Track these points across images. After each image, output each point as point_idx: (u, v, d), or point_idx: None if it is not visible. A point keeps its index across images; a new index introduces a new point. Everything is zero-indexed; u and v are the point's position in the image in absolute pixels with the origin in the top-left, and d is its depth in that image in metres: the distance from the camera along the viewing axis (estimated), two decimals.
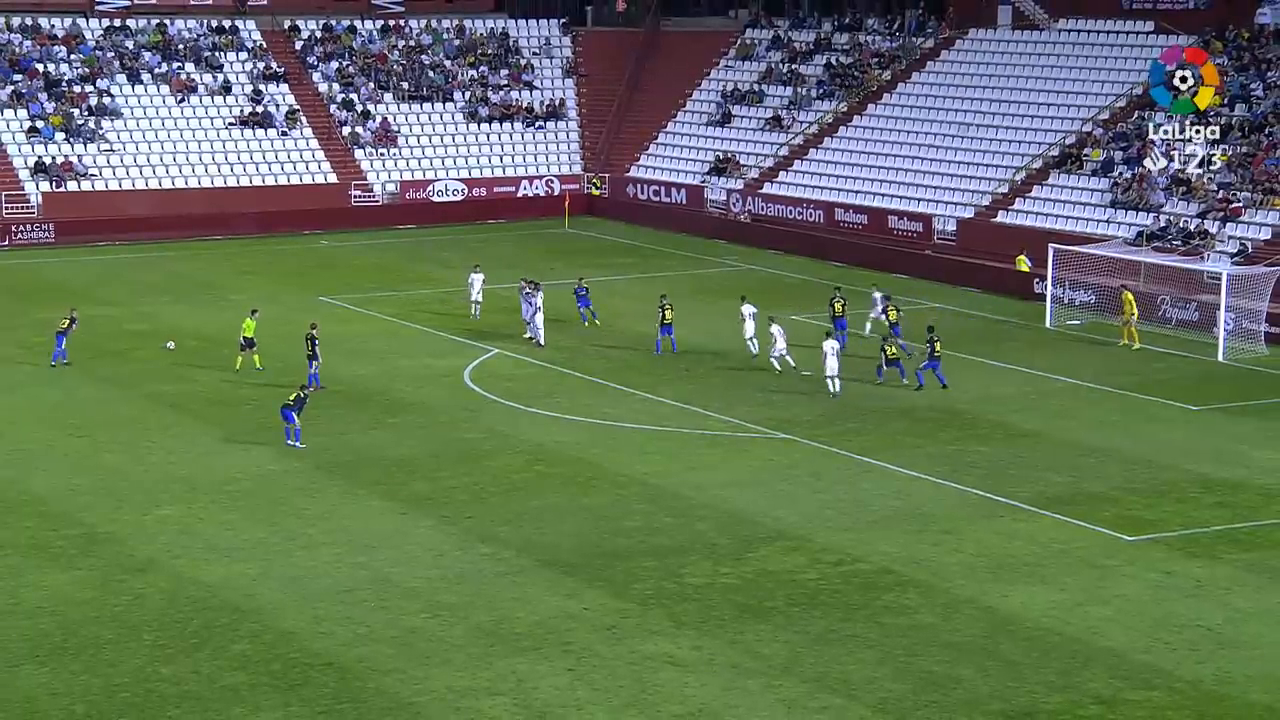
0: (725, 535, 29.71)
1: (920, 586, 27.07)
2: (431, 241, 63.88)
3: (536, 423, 37.62)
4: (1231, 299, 44.73)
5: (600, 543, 29.36)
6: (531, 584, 27.27)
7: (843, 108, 69.49)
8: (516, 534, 29.81)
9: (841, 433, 36.51)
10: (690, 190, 69.44)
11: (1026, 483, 32.81)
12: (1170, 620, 25.67)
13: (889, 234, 61.03)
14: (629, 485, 32.78)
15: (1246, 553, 28.70)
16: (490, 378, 41.85)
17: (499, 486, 32.80)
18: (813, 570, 27.88)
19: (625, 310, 49.40)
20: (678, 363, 43.11)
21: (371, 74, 73.93)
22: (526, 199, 71.17)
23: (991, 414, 38.30)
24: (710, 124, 73.20)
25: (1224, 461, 34.34)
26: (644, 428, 37.22)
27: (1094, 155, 59.18)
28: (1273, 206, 53.04)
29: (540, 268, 55.16)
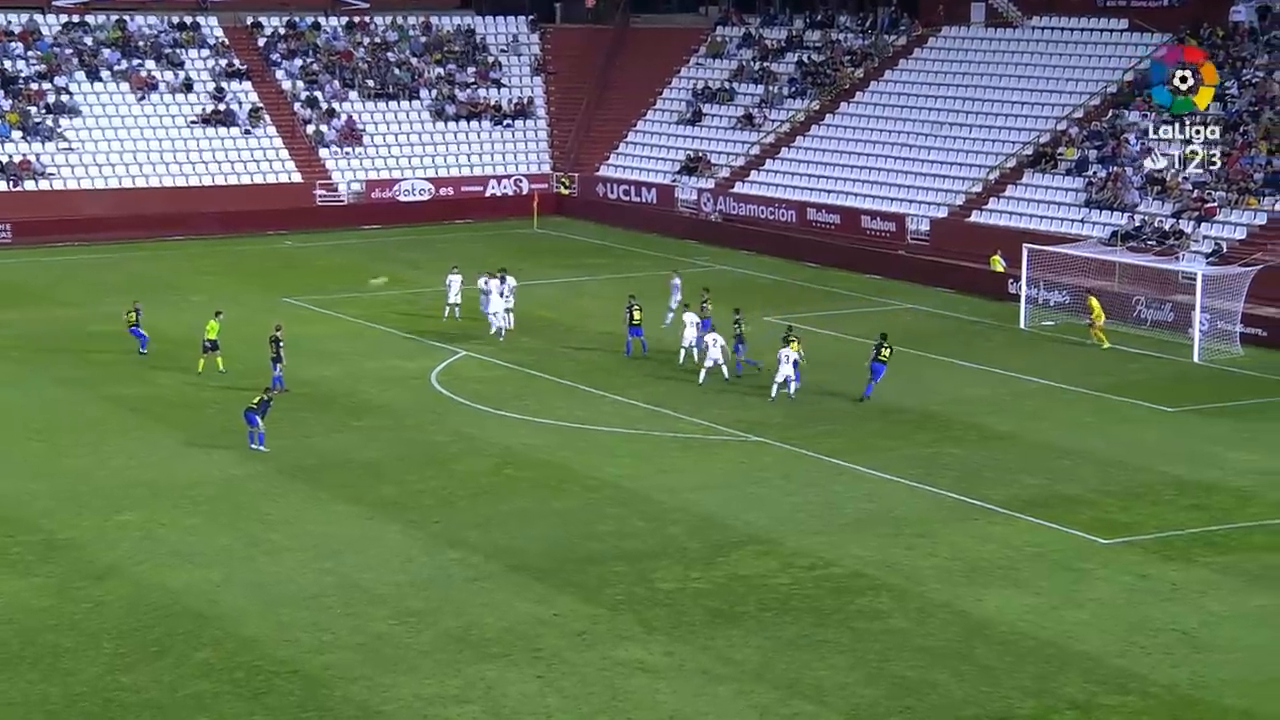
0: (696, 539, 29.73)
1: (894, 591, 27.15)
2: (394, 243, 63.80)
3: (505, 425, 37.58)
4: (1207, 299, 45.00)
5: (570, 547, 29.36)
6: (500, 589, 27.24)
7: (815, 106, 69.64)
8: (485, 538, 29.77)
9: (813, 435, 36.58)
10: (661, 190, 69.48)
11: (1001, 485, 32.94)
12: (1145, 624, 25.82)
13: (862, 234, 61.19)
14: (599, 489, 32.78)
15: (1222, 555, 28.88)
16: (458, 380, 41.78)
17: (467, 490, 32.75)
18: (785, 574, 27.93)
19: (595, 311, 49.40)
20: (647, 364, 43.10)
21: (336, 71, 73.75)
22: (494, 199, 71.08)
23: (965, 416, 38.44)
24: (681, 122, 73.26)
25: (1199, 463, 34.55)
26: (614, 430, 37.22)
27: (1068, 154, 59.46)
28: (1248, 206, 53.39)
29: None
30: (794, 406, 38.95)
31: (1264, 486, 32.91)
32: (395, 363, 43.62)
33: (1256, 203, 53.30)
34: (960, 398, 40.14)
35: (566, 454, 35.23)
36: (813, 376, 41.15)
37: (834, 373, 42.09)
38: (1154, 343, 46.23)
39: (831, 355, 43.94)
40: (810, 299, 52.67)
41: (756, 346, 42.24)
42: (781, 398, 39.39)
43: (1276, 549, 29.18)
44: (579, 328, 47.85)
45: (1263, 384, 41.79)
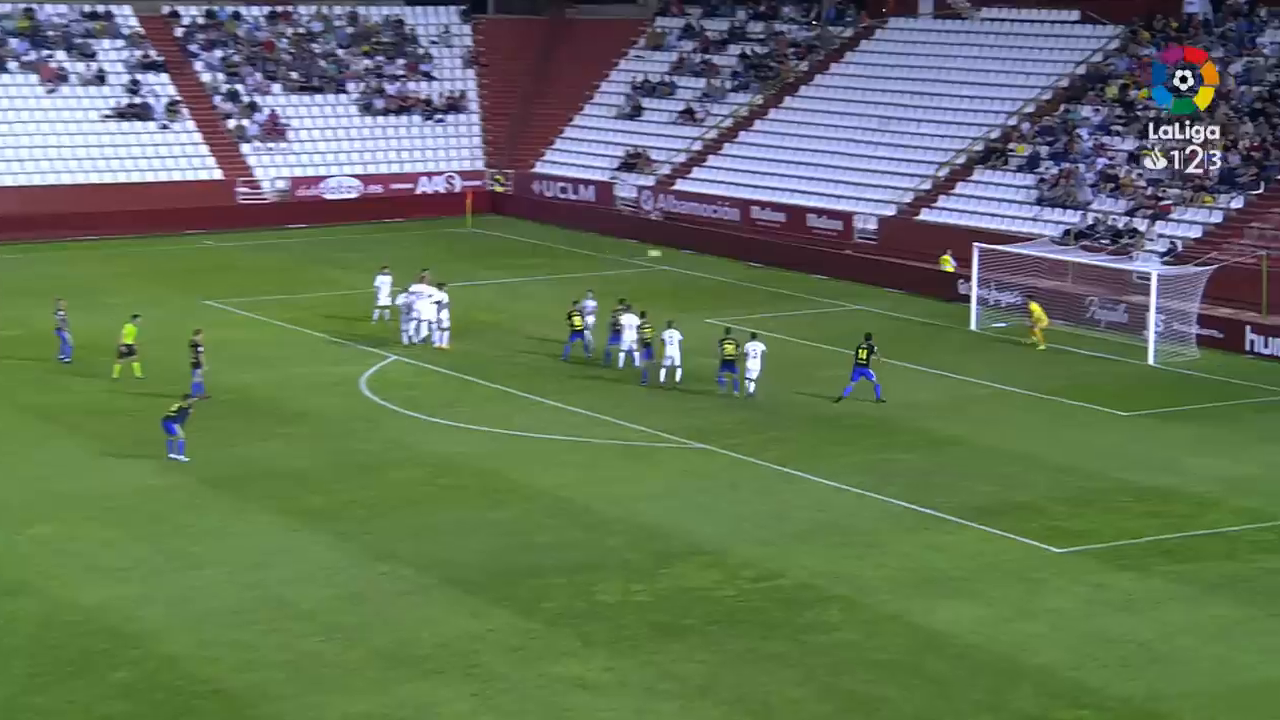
0: (639, 550, 29.78)
1: (843, 603, 27.29)
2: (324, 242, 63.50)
3: (439, 433, 37.49)
4: (1162, 300, 45.52)
5: (507, 559, 29.33)
6: (434, 604, 27.18)
7: (758, 100, 69.91)
8: (418, 551, 29.69)
9: (760, 442, 36.72)
10: (599, 187, 69.52)
11: (952, 493, 33.19)
12: (1101, 635, 26.08)
13: (808, 233, 61.47)
14: (537, 498, 32.78)
15: (1179, 564, 29.22)
16: (389, 386, 41.65)
17: (399, 500, 32.66)
18: (730, 586, 28.01)
19: (532, 314, 49.36)
20: (588, 369, 43.12)
21: (258, 63, 73.31)
22: (426, 197, 70.87)
23: (915, 421, 38.70)
24: (619, 117, 73.34)
25: (1155, 469, 34.94)
26: (553, 438, 37.21)
27: (1019, 150, 59.99)
28: (1203, 204, 54.04)
29: (442, 269, 54.96)
30: (741, 412, 39.06)
31: (1222, 493, 33.33)
32: (323, 368, 43.43)
33: (1212, 200, 53.98)
34: (910, 402, 40.40)
35: (503, 462, 35.19)
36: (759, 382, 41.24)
37: (780, 378, 42.25)
38: (1108, 345, 46.72)
39: (777, 359, 44.11)
40: (754, 300, 52.87)
41: (700, 349, 42.32)
42: (736, 401, 39.49)
43: (1235, 557, 29.56)
44: (516, 331, 47.80)
45: (1220, 387, 42.34)
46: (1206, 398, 41.18)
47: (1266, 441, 37.14)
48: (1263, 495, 33.18)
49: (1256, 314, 47.98)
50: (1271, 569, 28.90)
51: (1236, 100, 56.79)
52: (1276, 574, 28.66)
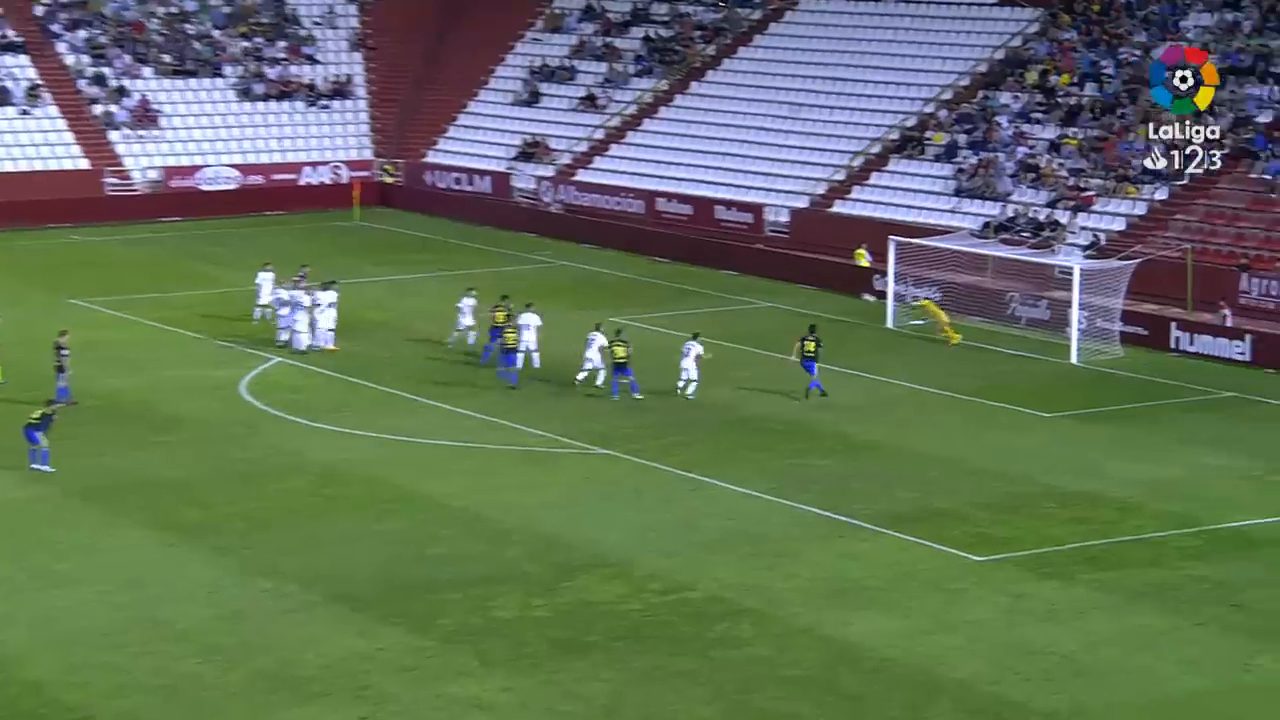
0: (538, 563, 29.75)
1: (754, 616, 27.42)
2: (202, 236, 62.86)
3: (325, 440, 37.25)
4: (1085, 296, 46.13)
5: (398, 574, 29.20)
6: (320, 622, 27.00)
7: (663, 86, 70.06)
8: (303, 566, 29.49)
9: (667, 446, 36.80)
10: (495, 178, 69.36)
11: (868, 499, 33.44)
12: (1022, 647, 26.39)
13: (716, 225, 61.69)
14: (430, 509, 32.65)
15: (1103, 572, 29.63)
16: (271, 389, 41.33)
17: (282, 512, 32.44)
18: (636, 600, 28.06)
19: (424, 312, 49.16)
20: (484, 371, 43.01)
21: (127, 45, 72.40)
22: (310, 188, 70.42)
23: (830, 424, 38.96)
24: (516, 104, 73.21)
25: (1078, 473, 35.42)
26: (447, 444, 37.09)
27: (937, 139, 60.58)
28: (1126, 195, 54.85)
29: (328, 265, 54.58)
30: (644, 415, 39.13)
31: (1146, 497, 33.85)
32: (199, 371, 43.04)
33: (1135, 191, 54.81)
34: (824, 404, 40.67)
35: (393, 470, 35.04)
36: (666, 384, 41.36)
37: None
38: (1029, 343, 47.30)
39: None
40: (659, 297, 52.98)
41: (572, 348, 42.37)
42: (640, 404, 39.56)
43: (1160, 564, 30.04)
44: (406, 330, 47.58)
45: (1145, 386, 43.00)
46: (1130, 398, 41.81)
47: (1190, 443, 37.78)
48: (1186, 499, 33.74)
49: (1182, 310, 48.78)
50: (1196, 576, 29.40)
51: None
52: (1202, 581, 29.15)
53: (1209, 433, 38.70)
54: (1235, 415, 40.35)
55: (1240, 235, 51.58)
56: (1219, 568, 29.83)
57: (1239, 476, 35.34)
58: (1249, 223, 51.83)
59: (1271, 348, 44.81)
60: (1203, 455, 36.89)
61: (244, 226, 65.06)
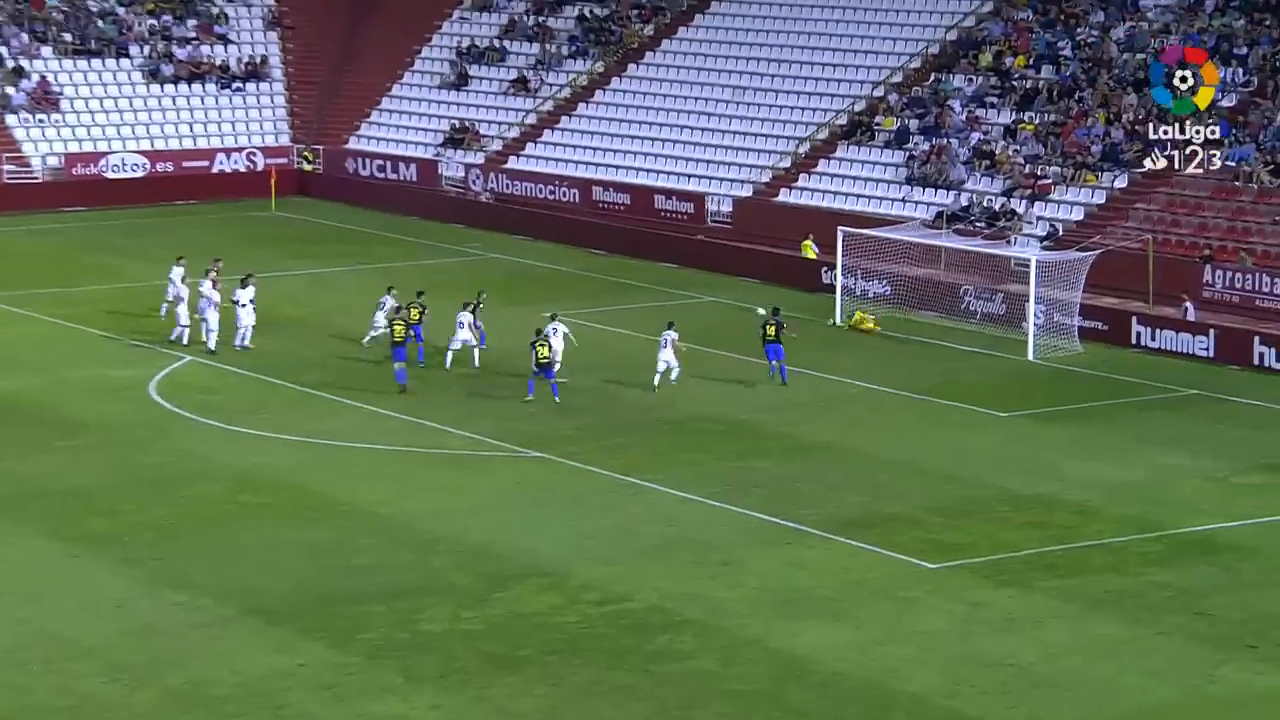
0: (468, 573, 29.71)
1: (697, 627, 27.47)
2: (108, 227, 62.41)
3: (240, 443, 37.08)
4: (1041, 289, 46.44)
5: (319, 585, 29.09)
6: (235, 637, 26.88)
7: (599, 68, 70.04)
8: (217, 577, 29.35)
9: (603, 449, 36.81)
10: (421, 165, 69.16)
11: (816, 503, 33.57)
12: (978, 658, 26.56)
13: (655, 216, 61.74)
14: (352, 516, 32.56)
15: (1061, 579, 29.85)
16: (183, 390, 41.10)
17: (195, 521, 32.28)
18: (572, 611, 28.07)
19: (346, 308, 48.98)
20: (411, 369, 42.93)
21: (24, 23, 71.71)
22: (223, 176, 70.01)
23: (776, 424, 39.07)
24: (443, 87, 73.01)
25: (1035, 475, 35.68)
26: (371, 447, 36.98)
27: (887, 124, 60.85)
28: (1085, 183, 55.27)
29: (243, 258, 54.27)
30: (580, 417, 39.13)
31: (1105, 500, 34.13)
32: (106, 371, 42.75)
33: (1094, 179, 55.25)
34: (770, 404, 40.77)
35: (313, 475, 34.92)
36: (600, 381, 41.38)
37: (625, 378, 42.37)
38: (984, 339, 47.59)
39: (619, 357, 44.25)
40: (595, 291, 52.99)
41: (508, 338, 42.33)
42: (574, 404, 39.57)
43: (1120, 571, 30.29)
44: (327, 327, 47.37)
45: (1104, 384, 43.35)
46: (1089, 396, 42.14)
47: (1151, 443, 38.12)
48: (1147, 502, 34.05)
49: (1143, 304, 49.19)
50: (1158, 583, 29.67)
51: (1119, 69, 58.15)
52: (1163, 588, 29.43)
53: (1171, 432, 39.06)
54: (1198, 414, 40.74)
55: (1204, 225, 52.07)
56: (1182, 574, 30.11)
57: (1202, 478, 35.69)
58: (1212, 212, 52.32)
59: (1236, 343, 45.26)
60: (1165, 456, 37.22)
61: (152, 217, 64.59)
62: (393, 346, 40.93)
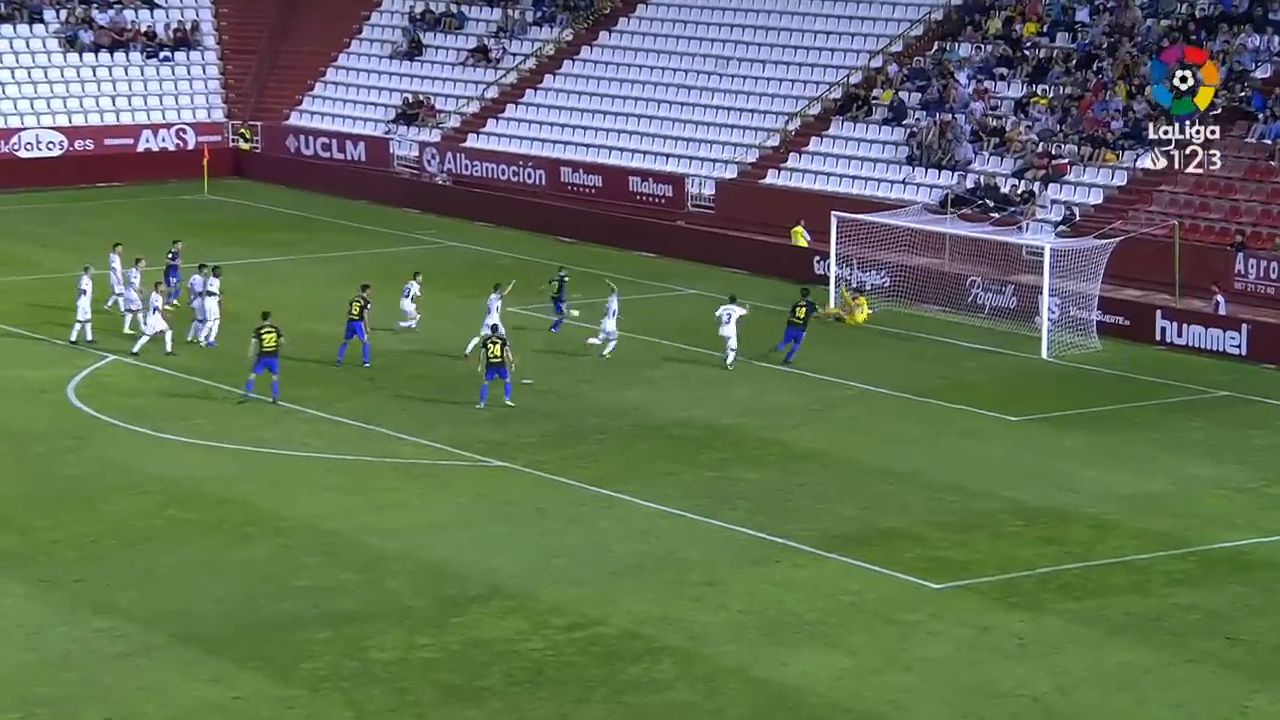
0: (423, 595, 29.74)
1: (676, 654, 27.54)
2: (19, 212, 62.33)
3: (170, 452, 37.07)
4: (1056, 280, 46.62)
5: (257, 610, 29.11)
6: (164, 667, 26.87)
7: (567, 36, 70.10)
8: (143, 601, 29.34)
9: (573, 458, 36.88)
10: (371, 144, 69.16)
11: (807, 517, 33.65)
12: (987, 688, 26.66)
13: (630, 199, 61.82)
14: (295, 532, 32.57)
15: (1077, 601, 29.98)
16: (105, 394, 41.08)
17: (119, 538, 32.25)
18: (538, 637, 28.12)
19: (288, 302, 48.92)
20: (359, 371, 42.95)
21: None
22: (150, 155, 70.00)
23: (763, 430, 39.15)
24: (395, 57, 73.00)
25: (1049, 485, 35.81)
26: (315, 456, 36.99)
27: (885, 98, 61.00)
28: (1104, 162, 55.46)
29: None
30: (546, 422, 39.18)
31: (1125, 513, 34.28)
32: (19, 371, 42.73)
33: (1115, 158, 55.46)
34: (757, 407, 40.85)
35: (251, 487, 34.92)
36: (569, 382, 41.43)
37: (596, 380, 42.40)
38: (992, 335, 47.73)
39: (591, 357, 44.31)
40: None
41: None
42: (540, 409, 39.63)
43: (1141, 591, 30.43)
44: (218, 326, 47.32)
45: (1125, 385, 43.53)
46: (1108, 398, 42.30)
47: (1177, 450, 38.29)
48: (1171, 515, 34.21)
49: (1169, 296, 49.41)
50: (1185, 604, 29.81)
51: (1142, 36, 58.35)
52: (1191, 610, 29.56)
53: (1199, 438, 39.24)
54: (1229, 418, 40.92)
55: (1235, 209, 52.31)
56: (1211, 595, 30.25)
57: (1233, 489, 35.86)
58: (1245, 195, 52.56)
59: (1270, 339, 45.49)
60: (1191, 464, 37.39)
61: (71, 200, 64.54)
62: (260, 357, 39.81)
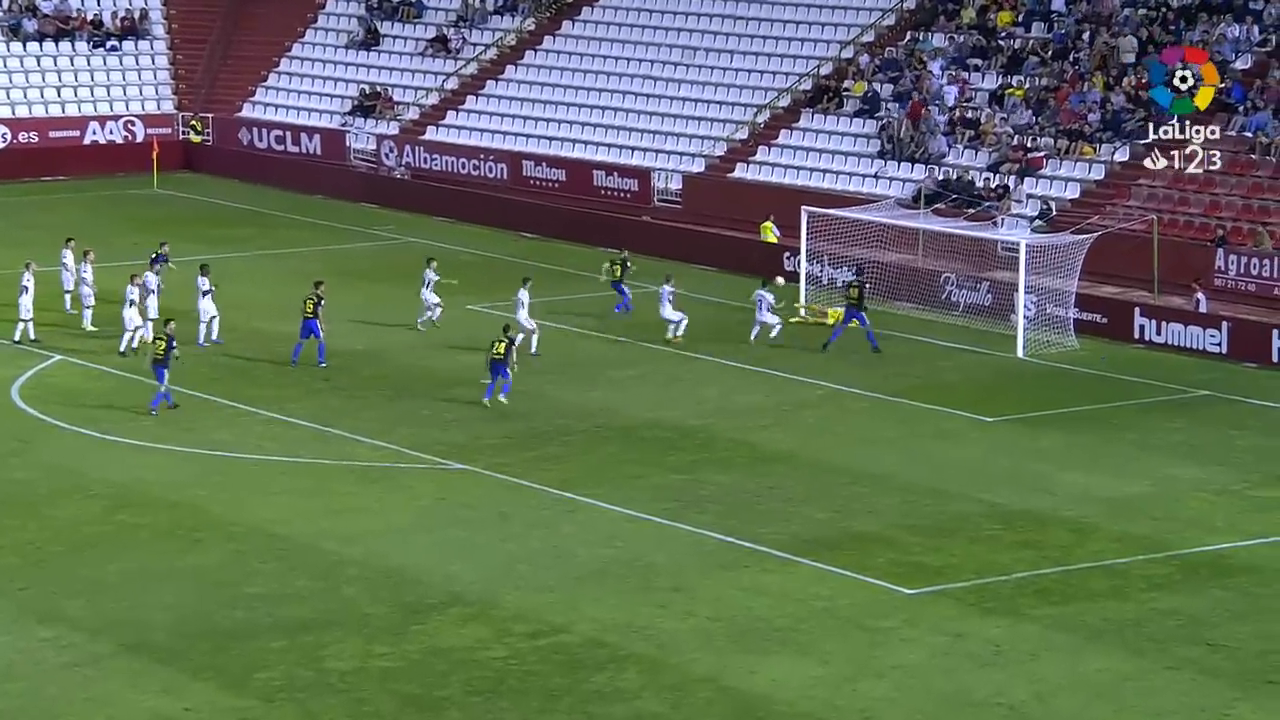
0: (381, 602, 29.66)
1: (642, 663, 27.50)
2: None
3: (118, 455, 36.93)
4: (1032, 277, 46.66)
5: (209, 618, 29.00)
6: (112, 678, 26.76)
7: (530, 26, 69.97)
8: (91, 610, 29.22)
9: (536, 460, 36.82)
10: (327, 136, 68.95)
11: (778, 521, 33.63)
12: (962, 697, 26.66)
13: (595, 194, 61.71)
14: (248, 538, 32.46)
15: (1055, 606, 30.01)
16: (51, 394, 40.93)
17: (65, 544, 32.12)
18: (500, 646, 28.06)
19: (241, 300, 48.75)
20: (313, 371, 42.82)
21: None
22: (97, 148, 69.67)
23: (732, 431, 39.13)
24: (351, 47, 72.79)
25: (1025, 488, 35.85)
26: (268, 459, 36.88)
27: (856, 90, 61.01)
28: (1082, 156, 55.54)
29: (121, 243, 54.03)
30: (508, 423, 39.11)
31: (1104, 516, 34.34)
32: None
33: (1092, 151, 55.53)
34: (725, 408, 40.83)
35: (203, 491, 34.81)
36: (533, 382, 41.39)
37: (559, 379, 42.33)
38: (967, 333, 47.77)
39: (553, 355, 44.24)
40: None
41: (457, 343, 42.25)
42: (506, 410, 39.57)
43: (1122, 596, 30.48)
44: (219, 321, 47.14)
45: (1103, 384, 43.59)
46: (1086, 398, 42.36)
47: (1154, 451, 38.36)
48: (1151, 518, 34.27)
49: (1147, 293, 49.51)
50: (1165, 610, 29.86)
51: (1118, 26, 58.42)
52: (1171, 616, 29.61)
53: (1179, 439, 39.33)
54: (1209, 418, 41.02)
55: (1215, 203, 52.43)
56: (1192, 600, 30.31)
57: (1214, 491, 35.94)
58: (1226, 189, 52.69)
59: (1251, 337, 45.60)
60: (1171, 466, 37.47)
61: (13, 195, 64.19)
62: (153, 364, 39.35)
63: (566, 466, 36.56)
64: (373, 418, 39.51)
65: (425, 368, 42.89)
